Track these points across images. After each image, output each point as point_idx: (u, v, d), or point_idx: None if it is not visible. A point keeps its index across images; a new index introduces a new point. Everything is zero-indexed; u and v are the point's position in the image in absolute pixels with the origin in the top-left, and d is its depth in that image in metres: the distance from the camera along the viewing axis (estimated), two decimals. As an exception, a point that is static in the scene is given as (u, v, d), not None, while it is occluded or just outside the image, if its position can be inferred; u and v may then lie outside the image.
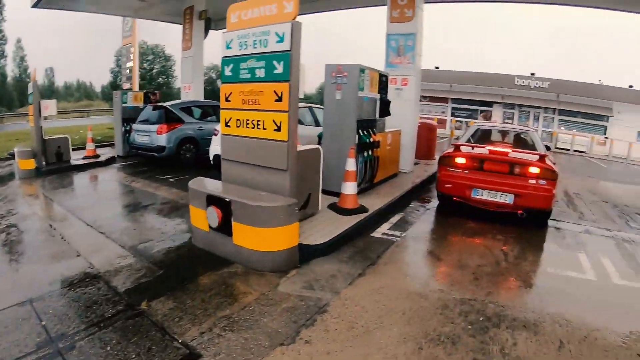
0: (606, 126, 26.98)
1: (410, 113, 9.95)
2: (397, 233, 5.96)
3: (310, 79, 6.83)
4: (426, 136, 12.29)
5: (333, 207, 6.22)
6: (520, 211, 6.36)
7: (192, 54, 15.37)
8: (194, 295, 3.83)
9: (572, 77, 31.84)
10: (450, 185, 6.74)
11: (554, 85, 27.43)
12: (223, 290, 3.94)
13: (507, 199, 6.30)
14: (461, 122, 27.03)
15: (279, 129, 4.57)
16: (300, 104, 10.38)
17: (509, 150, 6.75)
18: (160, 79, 48.49)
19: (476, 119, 28.57)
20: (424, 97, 28.73)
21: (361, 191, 7.08)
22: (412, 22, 9.71)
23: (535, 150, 7.12)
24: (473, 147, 6.91)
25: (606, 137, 25.42)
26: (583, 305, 4.14)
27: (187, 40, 15.50)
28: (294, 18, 4.40)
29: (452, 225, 6.65)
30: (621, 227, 7.44)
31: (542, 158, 6.38)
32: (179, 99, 16.04)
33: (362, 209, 6.21)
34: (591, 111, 26.95)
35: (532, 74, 28.15)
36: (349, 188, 6.17)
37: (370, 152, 7.27)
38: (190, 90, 15.38)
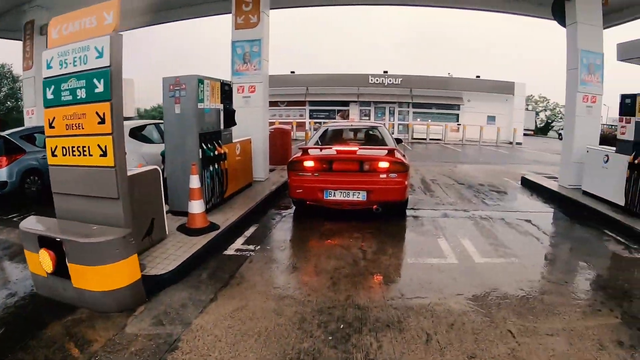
0: (458, 114, 30.08)
1: (261, 119, 10.01)
2: (252, 247, 5.81)
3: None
4: (281, 141, 12.56)
5: (182, 228, 5.96)
6: (375, 206, 6.59)
7: (34, 74, 13.86)
8: (37, 352, 3.36)
9: (423, 72, 34.80)
10: (301, 190, 6.78)
11: (406, 80, 29.94)
12: (67, 342, 3.52)
13: (360, 196, 6.48)
14: (320, 123, 27.88)
15: (104, 154, 4.27)
16: (146, 121, 9.95)
17: (356, 148, 7.00)
18: (8, 102, 43.51)
19: (334, 118, 29.71)
20: (281, 102, 29.29)
21: (213, 207, 6.92)
22: (258, 27, 9.79)
23: (385, 145, 7.48)
24: (321, 149, 7.05)
25: (459, 124, 28.29)
26: (447, 291, 4.33)
27: (27, 58, 14.00)
28: (115, 30, 4.12)
29: (309, 230, 6.67)
30: (478, 206, 8.06)
31: (391, 152, 6.67)
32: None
33: (212, 227, 6.03)
34: (444, 102, 30.13)
35: (385, 71, 30.37)
36: (196, 206, 5.95)
37: (217, 166, 7.06)
38: (34, 115, 13.86)
